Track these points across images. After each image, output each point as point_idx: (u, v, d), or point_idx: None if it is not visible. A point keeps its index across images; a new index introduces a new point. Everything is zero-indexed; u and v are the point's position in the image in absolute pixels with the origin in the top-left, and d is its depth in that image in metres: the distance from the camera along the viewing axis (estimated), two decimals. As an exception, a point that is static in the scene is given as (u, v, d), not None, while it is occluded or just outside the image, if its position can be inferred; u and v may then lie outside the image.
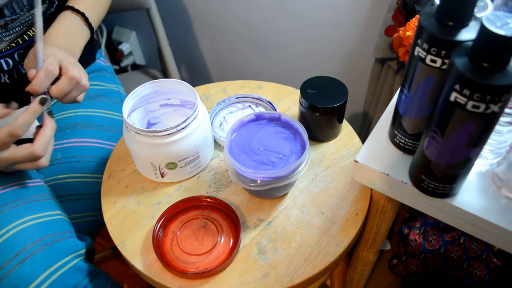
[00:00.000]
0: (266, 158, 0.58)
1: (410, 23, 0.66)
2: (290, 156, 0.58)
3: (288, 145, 0.60)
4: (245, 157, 0.59)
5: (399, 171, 0.52)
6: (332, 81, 0.67)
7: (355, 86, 1.11)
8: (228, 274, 0.55)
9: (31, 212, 0.60)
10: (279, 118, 0.63)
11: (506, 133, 0.49)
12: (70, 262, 0.59)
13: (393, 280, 1.08)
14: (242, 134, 0.61)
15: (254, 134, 0.61)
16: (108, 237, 0.60)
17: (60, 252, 0.58)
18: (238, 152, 0.59)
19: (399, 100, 0.51)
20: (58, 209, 0.65)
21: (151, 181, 0.66)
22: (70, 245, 0.60)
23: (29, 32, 0.71)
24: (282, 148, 0.59)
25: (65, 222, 0.64)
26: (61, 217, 0.64)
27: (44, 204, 0.63)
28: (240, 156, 0.59)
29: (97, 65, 0.88)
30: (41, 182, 0.67)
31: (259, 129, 0.62)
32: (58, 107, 0.80)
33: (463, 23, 0.40)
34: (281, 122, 0.63)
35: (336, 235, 0.58)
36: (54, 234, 0.60)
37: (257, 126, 0.62)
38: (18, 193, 0.62)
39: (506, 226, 0.46)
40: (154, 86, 0.66)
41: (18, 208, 0.60)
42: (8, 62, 0.70)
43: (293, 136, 0.61)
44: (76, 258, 0.60)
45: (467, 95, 0.37)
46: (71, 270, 0.59)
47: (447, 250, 0.94)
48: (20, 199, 0.61)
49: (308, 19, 1.06)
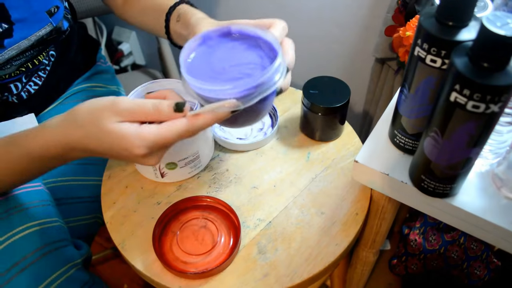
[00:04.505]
0: (236, 73, 0.47)
1: (410, 23, 0.66)
2: (263, 61, 0.48)
3: (254, 53, 0.49)
4: (212, 81, 0.47)
5: (399, 171, 0.52)
6: (334, 81, 0.67)
7: (355, 86, 1.11)
8: (228, 274, 0.55)
9: (31, 219, 0.59)
10: (229, 31, 0.51)
11: (506, 133, 0.49)
12: (67, 272, 0.58)
13: (393, 280, 1.08)
14: (195, 62, 0.49)
15: (210, 56, 0.49)
16: (108, 237, 0.60)
17: (58, 262, 0.57)
18: (202, 77, 0.47)
19: (399, 100, 0.51)
20: (56, 216, 0.64)
21: (151, 181, 0.66)
22: (67, 254, 0.59)
23: (40, 57, 0.71)
24: (249, 58, 0.48)
25: (63, 229, 0.63)
26: (59, 224, 0.63)
27: (44, 211, 0.62)
28: (207, 81, 0.46)
29: (97, 67, 0.88)
30: (41, 187, 0.67)
31: (212, 50, 0.50)
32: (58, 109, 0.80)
33: (463, 23, 0.40)
34: (234, 35, 0.51)
35: (336, 235, 0.58)
36: (52, 242, 0.59)
37: (208, 48, 0.51)
38: (19, 198, 0.62)
39: (506, 226, 0.46)
40: (154, 86, 0.66)
41: (17, 215, 0.59)
42: (18, 86, 0.70)
43: (254, 43, 0.50)
44: (73, 268, 0.59)
45: (467, 95, 0.37)
46: (68, 281, 0.57)
47: (447, 250, 0.94)
48: (20, 205, 0.61)
49: (308, 19, 1.06)
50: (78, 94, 0.82)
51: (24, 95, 0.72)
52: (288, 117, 0.74)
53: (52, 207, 0.65)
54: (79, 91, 0.82)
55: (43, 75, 0.74)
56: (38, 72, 0.73)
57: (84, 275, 0.60)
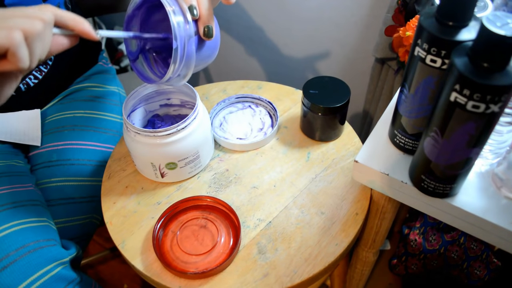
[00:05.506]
0: None
1: (410, 23, 0.66)
2: None
3: None
4: None
5: (399, 171, 0.52)
6: (334, 81, 0.67)
7: (355, 86, 1.11)
8: (228, 274, 0.55)
9: (18, 217, 0.60)
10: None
11: (506, 133, 0.49)
12: (53, 270, 0.58)
13: (393, 280, 1.08)
14: None
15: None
16: (108, 237, 0.60)
17: (43, 260, 0.58)
18: None
19: (399, 100, 0.51)
20: (45, 216, 0.64)
21: (151, 181, 0.66)
22: (54, 253, 0.60)
23: None
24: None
25: (50, 229, 0.63)
26: (46, 223, 0.63)
27: (32, 210, 0.63)
28: None
29: (98, 67, 0.88)
30: (31, 187, 0.67)
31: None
32: (57, 107, 0.80)
33: (463, 23, 0.40)
34: None
35: (336, 235, 0.58)
36: (38, 240, 0.59)
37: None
38: (7, 197, 0.62)
39: (506, 226, 0.46)
40: (154, 86, 0.66)
41: (4, 212, 0.60)
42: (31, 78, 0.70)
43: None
44: (59, 266, 0.59)
45: (467, 95, 0.37)
46: (54, 279, 0.58)
47: (447, 250, 0.94)
48: (7, 204, 0.61)
49: (308, 19, 1.06)
50: (78, 93, 0.82)
51: (23, 87, 0.71)
52: (288, 117, 0.74)
53: (42, 207, 0.65)
54: (80, 90, 0.82)
55: (44, 69, 0.74)
56: (39, 66, 0.73)
57: (71, 273, 0.61)
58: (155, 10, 0.56)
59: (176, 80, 0.54)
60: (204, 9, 0.50)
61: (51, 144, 0.74)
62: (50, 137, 0.75)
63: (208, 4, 0.50)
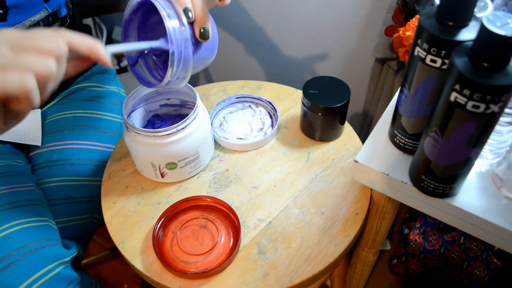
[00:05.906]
0: None
1: (410, 23, 0.66)
2: None
3: None
4: None
5: (399, 171, 0.52)
6: (334, 81, 0.67)
7: (355, 86, 1.11)
8: (228, 274, 0.55)
9: (19, 217, 0.60)
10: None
11: (506, 133, 0.49)
12: (54, 270, 0.58)
13: (393, 280, 1.08)
14: None
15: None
16: (108, 237, 0.60)
17: (44, 260, 0.58)
18: None
19: (399, 100, 0.51)
20: (45, 215, 0.64)
21: (151, 181, 0.66)
22: (55, 252, 0.60)
23: None
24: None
25: (51, 229, 0.63)
26: (47, 223, 0.63)
27: (33, 210, 0.63)
28: None
29: (99, 67, 0.88)
30: (32, 187, 0.67)
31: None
32: (57, 107, 0.80)
33: (463, 23, 0.40)
34: None
35: (336, 235, 0.58)
36: (39, 240, 0.59)
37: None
38: (8, 197, 0.62)
39: (506, 226, 0.46)
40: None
41: (5, 212, 0.60)
42: None
43: None
44: (60, 266, 0.59)
45: (467, 95, 0.37)
46: (55, 278, 0.58)
47: (447, 250, 0.94)
48: (8, 204, 0.61)
49: (308, 20, 1.06)
50: (78, 93, 0.82)
51: None
52: (288, 117, 0.74)
53: (43, 206, 0.65)
54: (80, 90, 0.83)
55: None
56: None
57: (72, 273, 0.61)
58: (151, 13, 0.56)
59: (176, 83, 0.54)
60: (199, 11, 0.49)
61: (51, 144, 0.74)
62: (50, 137, 0.76)
63: (203, 5, 0.50)
